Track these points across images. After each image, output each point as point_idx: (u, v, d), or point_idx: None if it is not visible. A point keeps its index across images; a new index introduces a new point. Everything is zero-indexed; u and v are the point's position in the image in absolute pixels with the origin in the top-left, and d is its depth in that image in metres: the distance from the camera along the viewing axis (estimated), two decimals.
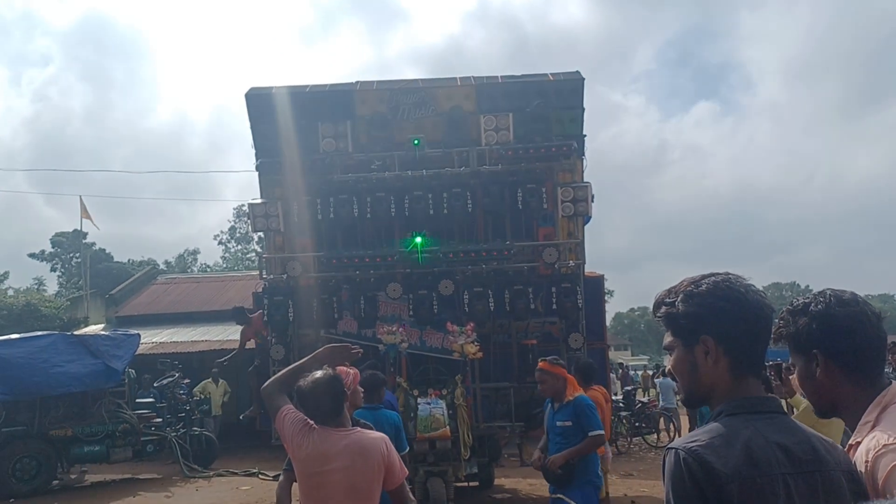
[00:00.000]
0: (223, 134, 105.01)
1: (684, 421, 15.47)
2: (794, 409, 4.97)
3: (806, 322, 1.76)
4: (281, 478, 4.45)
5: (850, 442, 1.74)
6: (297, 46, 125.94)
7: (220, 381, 15.70)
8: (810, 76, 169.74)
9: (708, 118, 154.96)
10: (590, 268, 10.68)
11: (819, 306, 1.76)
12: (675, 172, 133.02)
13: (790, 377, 4.76)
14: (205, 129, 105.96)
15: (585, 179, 10.19)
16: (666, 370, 9.62)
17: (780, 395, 4.64)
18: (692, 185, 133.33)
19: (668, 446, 1.63)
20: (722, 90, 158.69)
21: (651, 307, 1.85)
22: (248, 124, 10.65)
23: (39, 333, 13.44)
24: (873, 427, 1.68)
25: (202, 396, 14.90)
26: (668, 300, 1.75)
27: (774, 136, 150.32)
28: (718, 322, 1.67)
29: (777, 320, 1.82)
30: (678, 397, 3.90)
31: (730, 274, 1.73)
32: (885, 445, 1.61)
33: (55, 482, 12.56)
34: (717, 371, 1.68)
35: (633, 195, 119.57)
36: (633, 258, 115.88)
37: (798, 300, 1.83)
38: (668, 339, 1.77)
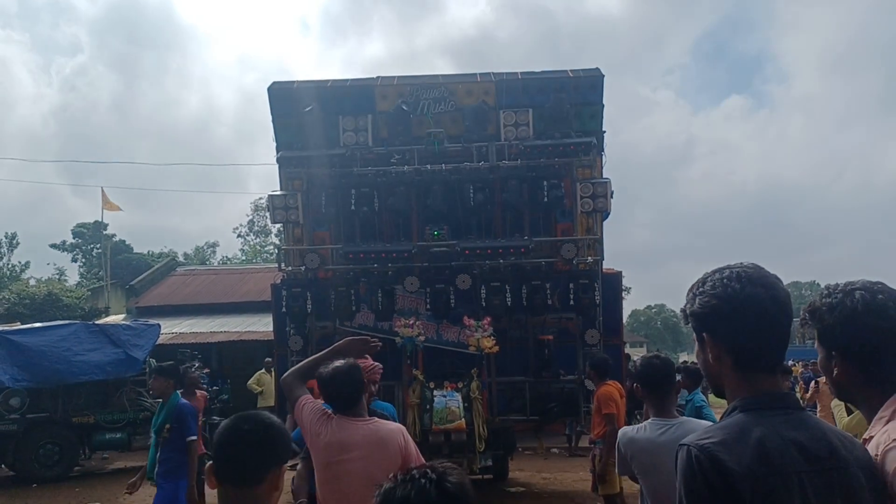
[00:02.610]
0: (251, 124, 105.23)
1: None
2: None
3: (830, 324, 1.74)
4: (299, 466, 4.47)
5: (864, 436, 1.74)
6: (326, 36, 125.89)
7: (273, 370, 15.61)
8: (847, 69, 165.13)
9: (739, 112, 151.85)
10: (608, 264, 10.69)
11: (846, 311, 1.72)
12: (701, 168, 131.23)
13: None
14: (233, 120, 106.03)
15: (604, 175, 10.18)
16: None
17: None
18: (719, 181, 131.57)
19: (681, 443, 1.62)
20: (755, 83, 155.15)
21: (668, 305, 1.88)
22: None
23: (62, 322, 13.65)
24: (888, 422, 1.67)
25: (259, 388, 14.57)
26: (687, 297, 1.78)
27: (806, 131, 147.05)
28: (712, 320, 1.68)
29: (804, 311, 1.83)
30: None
31: (739, 266, 1.72)
32: (895, 440, 1.61)
33: (77, 468, 12.79)
34: (721, 367, 1.69)
35: (656, 191, 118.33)
36: (653, 255, 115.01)
37: (829, 294, 1.78)
38: None
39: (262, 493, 2.00)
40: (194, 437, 6.13)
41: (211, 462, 2.02)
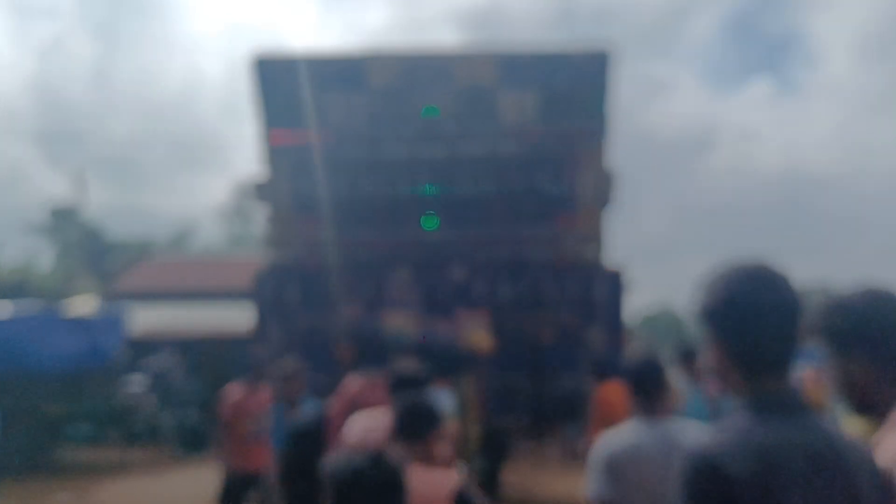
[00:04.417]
0: (241, 98, 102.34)
1: None
2: None
3: (845, 322, 1.74)
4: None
5: (874, 442, 1.70)
6: (324, 1, 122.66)
7: None
8: (881, 52, 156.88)
9: (764, 97, 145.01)
10: (616, 259, 10.31)
11: (858, 305, 1.73)
12: (722, 156, 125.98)
13: None
14: (222, 93, 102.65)
15: (610, 163, 9.78)
16: None
17: None
18: (740, 170, 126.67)
19: (683, 450, 1.62)
20: (782, 66, 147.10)
21: (677, 303, 1.62)
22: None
23: (30, 309, 13.23)
24: None
25: None
26: (695, 296, 1.78)
27: (835, 119, 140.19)
28: (716, 319, 1.69)
29: (814, 316, 1.80)
30: None
31: (745, 264, 1.70)
32: None
33: (45, 461, 12.27)
34: (724, 367, 1.69)
35: (670, 184, 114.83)
36: (662, 253, 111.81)
37: (836, 297, 1.81)
38: None
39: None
40: None
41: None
